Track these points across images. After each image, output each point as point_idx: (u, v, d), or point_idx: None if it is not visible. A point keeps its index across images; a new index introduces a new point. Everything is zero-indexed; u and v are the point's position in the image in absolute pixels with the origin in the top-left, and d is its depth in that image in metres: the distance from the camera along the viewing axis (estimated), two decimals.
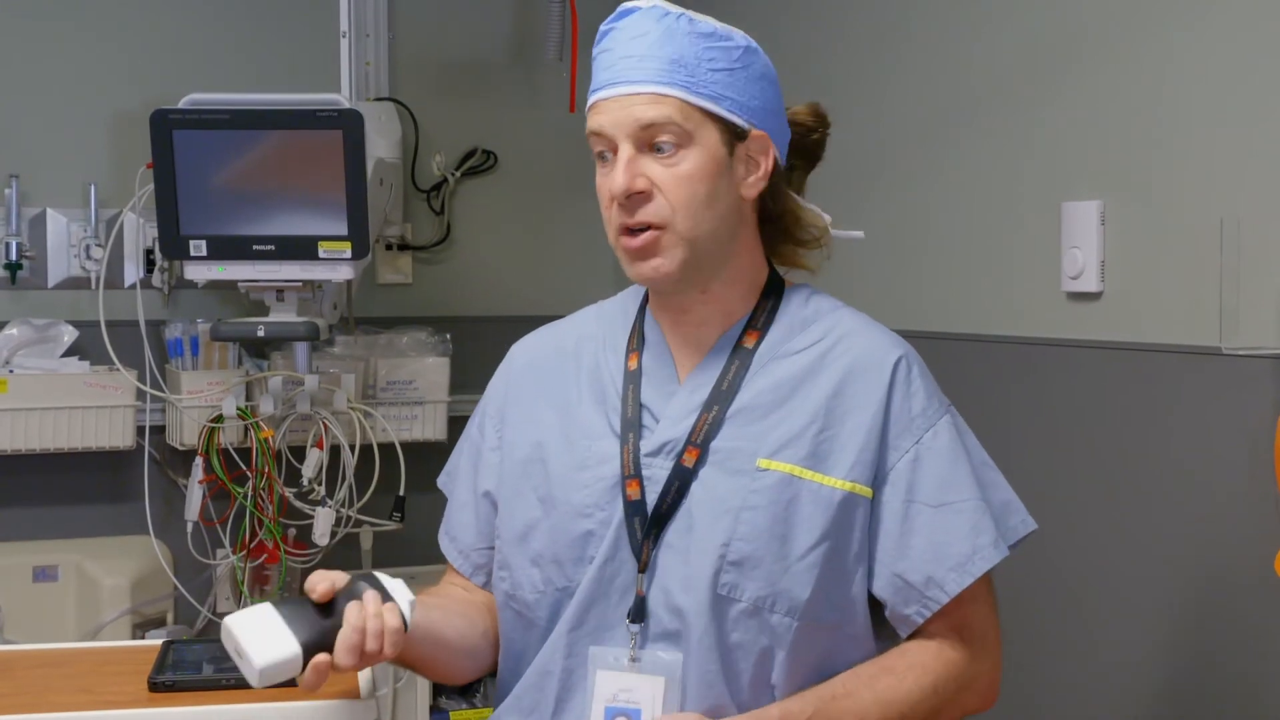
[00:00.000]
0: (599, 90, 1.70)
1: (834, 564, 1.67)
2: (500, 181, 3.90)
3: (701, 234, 1.68)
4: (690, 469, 1.68)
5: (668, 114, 1.65)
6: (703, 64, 1.68)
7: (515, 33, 3.91)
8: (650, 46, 1.67)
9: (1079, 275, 2.32)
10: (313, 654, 1.58)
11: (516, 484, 1.78)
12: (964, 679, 1.72)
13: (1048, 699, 2.42)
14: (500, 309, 3.85)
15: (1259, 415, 1.96)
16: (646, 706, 1.65)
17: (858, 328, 1.77)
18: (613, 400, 1.75)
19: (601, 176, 1.70)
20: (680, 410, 1.72)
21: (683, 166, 1.66)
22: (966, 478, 1.71)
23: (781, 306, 1.77)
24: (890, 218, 2.86)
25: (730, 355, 1.73)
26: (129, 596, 3.35)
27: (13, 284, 3.45)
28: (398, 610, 1.63)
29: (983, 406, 2.50)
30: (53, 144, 3.51)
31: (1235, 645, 2.06)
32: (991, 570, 1.71)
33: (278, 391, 3.34)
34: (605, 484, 1.71)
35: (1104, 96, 2.29)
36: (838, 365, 1.72)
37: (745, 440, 1.69)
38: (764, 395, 1.71)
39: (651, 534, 1.68)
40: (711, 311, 1.75)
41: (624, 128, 1.66)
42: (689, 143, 1.67)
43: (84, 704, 1.84)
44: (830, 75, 3.04)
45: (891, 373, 1.72)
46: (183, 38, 3.59)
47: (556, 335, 1.88)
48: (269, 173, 3.07)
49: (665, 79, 1.66)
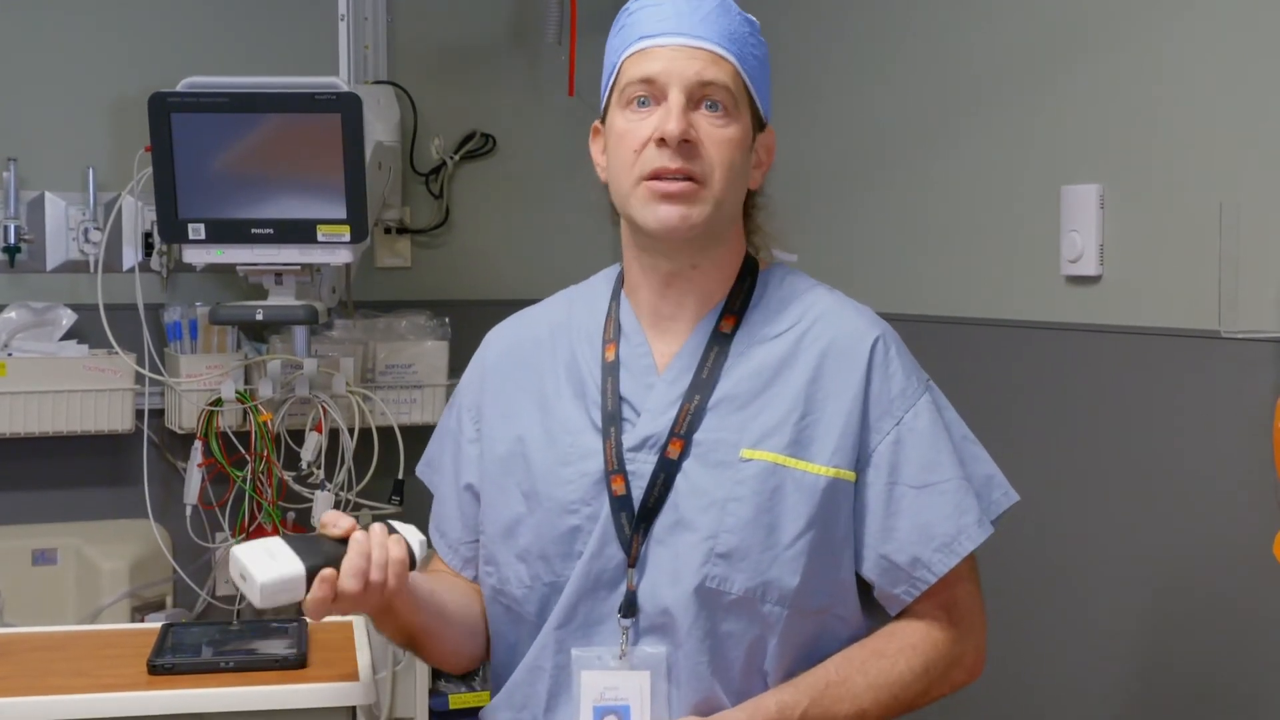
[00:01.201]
0: (654, 36, 1.68)
1: (821, 550, 1.67)
2: (499, 165, 3.90)
3: (727, 200, 1.69)
4: (675, 460, 1.68)
5: (726, 79, 1.67)
6: (748, 47, 1.71)
7: (514, 16, 3.90)
8: (710, 12, 1.69)
9: (1078, 259, 2.31)
10: (317, 576, 1.57)
11: (499, 479, 1.77)
12: (953, 656, 1.73)
13: (1044, 683, 2.42)
14: (499, 293, 3.85)
15: (1258, 399, 1.97)
16: (635, 702, 1.65)
17: (832, 308, 1.76)
18: (592, 394, 1.74)
19: (635, 120, 1.68)
20: (661, 402, 1.71)
21: (728, 131, 1.68)
22: (948, 456, 1.71)
23: (757, 289, 1.77)
24: (890, 202, 2.86)
25: (709, 341, 1.73)
26: (128, 580, 3.36)
27: (11, 267, 3.45)
28: (404, 543, 1.62)
29: (981, 390, 2.50)
30: (51, 127, 3.50)
31: (1233, 629, 2.06)
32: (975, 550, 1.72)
33: (276, 375, 3.34)
34: (589, 479, 1.71)
35: (1104, 81, 2.29)
36: (814, 349, 1.71)
37: (727, 431, 1.68)
38: (743, 383, 1.70)
39: (640, 528, 1.67)
40: (692, 289, 1.74)
41: (681, 79, 1.66)
42: (736, 113, 1.69)
43: (83, 687, 1.85)
44: (830, 61, 3.03)
45: (869, 355, 1.71)
46: (181, 21, 3.59)
47: (530, 324, 1.86)
48: (267, 156, 3.06)
49: (727, 45, 1.68)
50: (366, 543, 1.59)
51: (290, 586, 1.56)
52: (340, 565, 1.58)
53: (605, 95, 1.75)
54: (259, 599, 1.55)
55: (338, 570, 1.57)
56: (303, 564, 1.57)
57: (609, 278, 1.84)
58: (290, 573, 1.56)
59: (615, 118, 1.71)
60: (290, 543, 1.59)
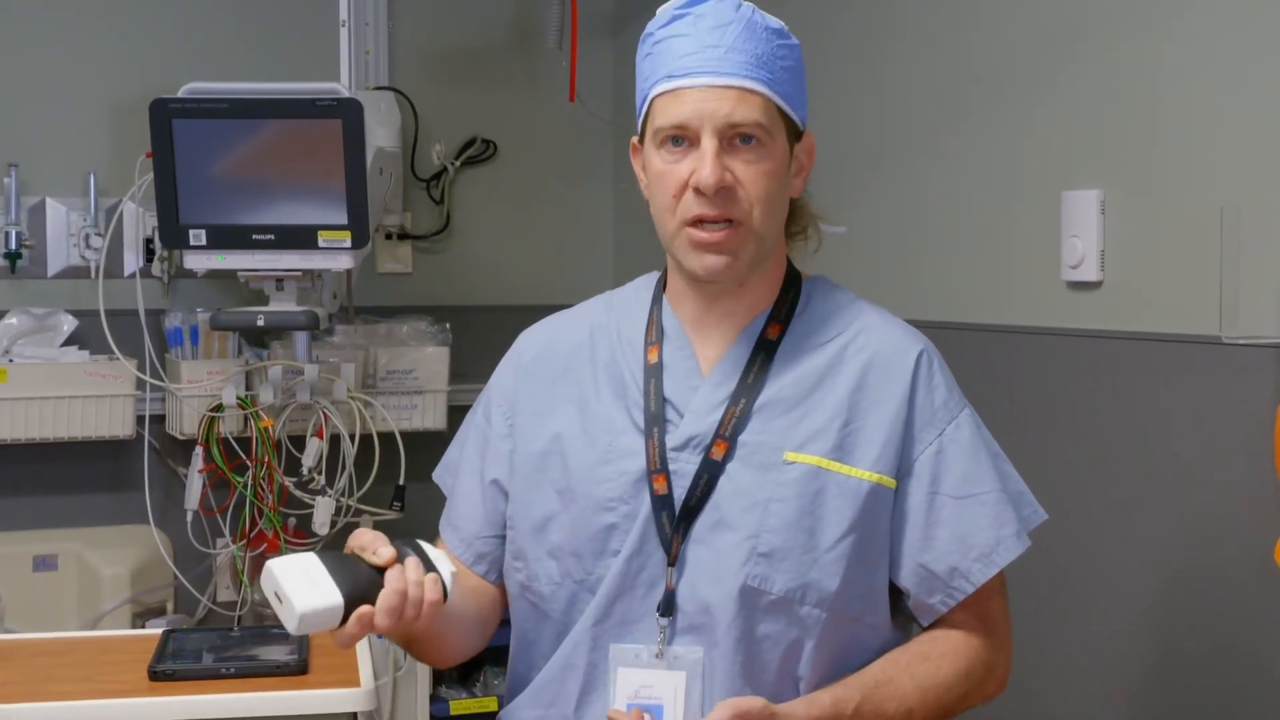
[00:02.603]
0: (682, 76, 1.67)
1: (861, 554, 1.68)
2: (500, 170, 3.90)
3: (769, 231, 1.70)
4: (719, 462, 1.69)
5: (756, 115, 1.65)
6: (776, 61, 1.69)
7: (515, 21, 3.90)
8: (735, 39, 1.66)
9: (1079, 264, 2.31)
10: (354, 608, 1.53)
11: (532, 476, 1.78)
12: (989, 665, 1.75)
13: (1046, 686, 2.42)
14: (500, 298, 3.85)
15: (1259, 404, 1.96)
16: (668, 702, 1.66)
17: (877, 321, 1.78)
18: (634, 394, 1.75)
19: (671, 162, 1.67)
20: (705, 404, 1.72)
21: (765, 164, 1.67)
22: (989, 469, 1.73)
23: (801, 299, 1.78)
24: (890, 206, 2.86)
25: (754, 348, 1.73)
26: (129, 586, 3.36)
27: (12, 273, 3.45)
28: (440, 583, 1.59)
29: (983, 396, 2.50)
30: (52, 133, 3.50)
31: (1234, 634, 2.06)
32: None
33: (277, 381, 3.34)
34: (629, 478, 1.71)
35: (1105, 85, 2.29)
36: (859, 359, 1.73)
37: (771, 434, 1.69)
38: (788, 389, 1.71)
39: (681, 528, 1.68)
40: (739, 303, 1.75)
41: (712, 120, 1.65)
42: (770, 141, 1.67)
43: (84, 692, 1.85)
44: (830, 64, 3.03)
45: (915, 367, 1.73)
46: (182, 26, 3.59)
47: (568, 325, 1.87)
48: (268, 162, 3.07)
49: (754, 75, 1.66)
50: (403, 579, 1.56)
51: (327, 617, 1.53)
52: (375, 593, 1.55)
53: (639, 120, 1.75)
54: (295, 627, 1.52)
55: (372, 602, 1.54)
56: (341, 595, 1.53)
57: (648, 283, 1.85)
58: (329, 604, 1.52)
59: (651, 155, 1.71)
60: (326, 563, 1.55)
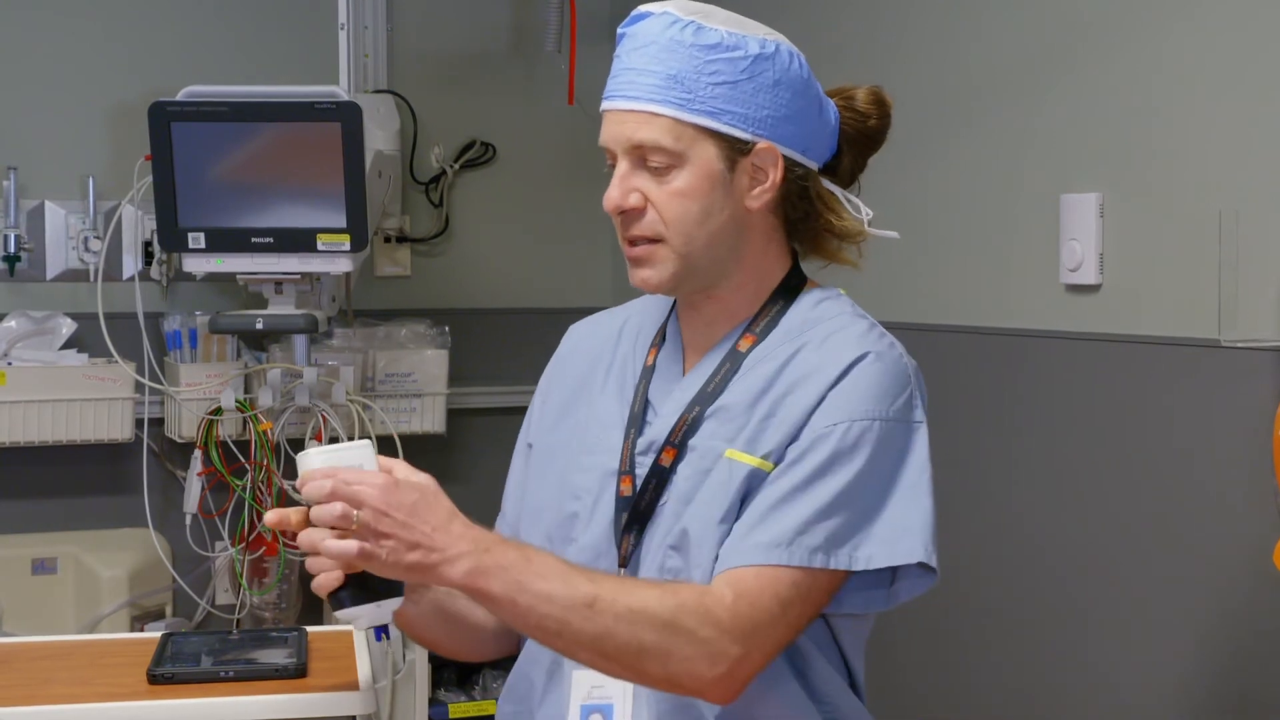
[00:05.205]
0: (607, 99, 1.70)
1: None
2: (499, 174, 3.90)
3: (695, 249, 1.67)
4: (666, 468, 1.69)
5: (656, 136, 1.64)
6: (702, 78, 1.65)
7: (514, 24, 3.90)
8: (649, 60, 1.66)
9: (1077, 268, 2.32)
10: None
11: (543, 463, 1.81)
12: (707, 640, 1.56)
13: (1041, 690, 2.42)
14: (499, 301, 3.85)
15: (1258, 407, 1.96)
16: (619, 702, 1.66)
17: (843, 329, 1.71)
18: (628, 393, 1.77)
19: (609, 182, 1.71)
20: (671, 409, 1.72)
21: (674, 184, 1.66)
22: (843, 485, 1.61)
23: (791, 310, 1.74)
24: (889, 210, 2.85)
25: (724, 357, 1.73)
26: (128, 589, 3.36)
27: (11, 276, 3.45)
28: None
29: (981, 399, 2.51)
30: (51, 136, 3.50)
31: (1233, 637, 2.06)
32: (803, 578, 1.59)
33: (276, 384, 3.34)
34: (600, 472, 1.72)
35: (1103, 89, 2.29)
36: (807, 363, 1.67)
37: (718, 440, 1.68)
38: (742, 395, 1.69)
39: (633, 529, 1.68)
40: (719, 311, 1.74)
41: (620, 143, 1.67)
42: (680, 162, 1.66)
43: (83, 696, 1.85)
44: (827, 67, 3.03)
45: (846, 367, 1.65)
46: (181, 30, 3.59)
47: (607, 320, 1.89)
48: (267, 165, 3.07)
49: (659, 96, 1.65)
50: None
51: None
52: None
53: None
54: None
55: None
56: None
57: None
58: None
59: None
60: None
